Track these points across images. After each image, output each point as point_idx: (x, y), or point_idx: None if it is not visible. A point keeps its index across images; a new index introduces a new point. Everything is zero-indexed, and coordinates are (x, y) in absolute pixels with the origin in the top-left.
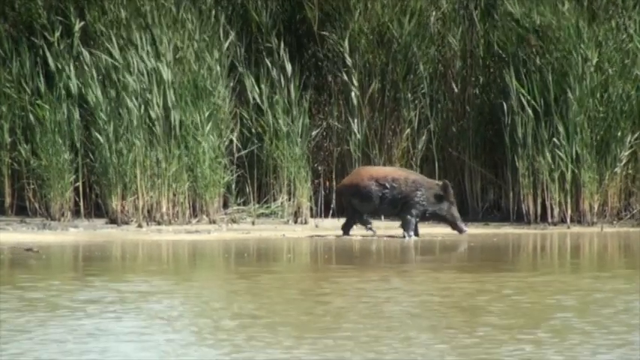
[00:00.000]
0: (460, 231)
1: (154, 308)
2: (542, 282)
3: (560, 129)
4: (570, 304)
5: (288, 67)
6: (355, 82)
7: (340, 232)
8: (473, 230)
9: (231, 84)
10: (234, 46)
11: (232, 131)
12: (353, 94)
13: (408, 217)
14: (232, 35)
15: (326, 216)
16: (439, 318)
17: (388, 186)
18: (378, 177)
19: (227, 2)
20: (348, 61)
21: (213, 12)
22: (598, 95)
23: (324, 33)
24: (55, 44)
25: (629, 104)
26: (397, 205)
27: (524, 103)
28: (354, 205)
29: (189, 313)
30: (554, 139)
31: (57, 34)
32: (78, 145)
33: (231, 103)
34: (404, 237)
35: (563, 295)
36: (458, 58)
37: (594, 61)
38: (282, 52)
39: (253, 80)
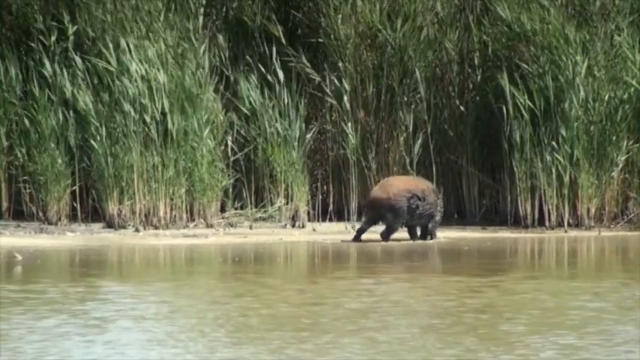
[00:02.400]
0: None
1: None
2: (506, 284)
3: (559, 133)
4: (509, 305)
5: (281, 72)
6: (347, 87)
7: (338, 237)
8: (469, 234)
9: (227, 88)
10: (228, 50)
11: (228, 135)
12: (346, 98)
13: (432, 224)
14: (225, 40)
15: (323, 220)
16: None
17: (420, 197)
18: (412, 189)
19: (220, 6)
20: (340, 65)
21: (201, 15)
22: (591, 99)
23: (305, 41)
24: (51, 48)
25: (623, 109)
26: (423, 216)
27: (521, 107)
28: (387, 219)
29: (150, 315)
30: (551, 144)
31: (53, 38)
32: (74, 149)
33: (226, 107)
34: (431, 239)
35: (515, 297)
36: (455, 62)
37: (584, 66)
38: (274, 57)
39: (249, 85)
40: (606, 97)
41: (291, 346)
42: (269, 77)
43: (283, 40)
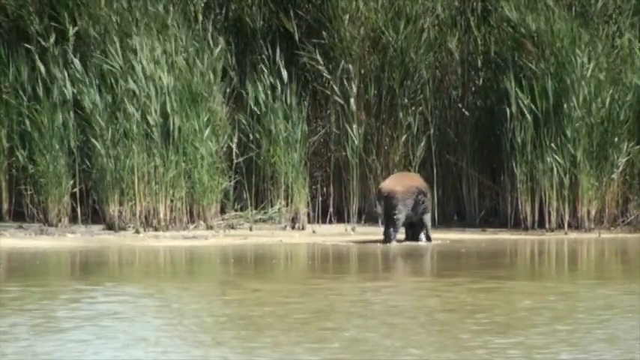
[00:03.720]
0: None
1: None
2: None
3: (560, 135)
4: (481, 306)
5: (284, 73)
6: (353, 88)
7: (338, 238)
8: (468, 236)
9: (228, 90)
10: (229, 51)
11: (230, 137)
12: (351, 99)
13: (426, 218)
14: (222, 42)
15: (323, 222)
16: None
17: (425, 192)
18: (418, 186)
19: (220, 8)
20: (342, 67)
21: (200, 18)
22: (593, 101)
23: (315, 40)
24: (50, 49)
25: (624, 110)
26: (423, 212)
27: (524, 109)
28: (397, 212)
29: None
30: (552, 145)
31: (51, 39)
32: (75, 150)
33: (228, 108)
34: (429, 241)
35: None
36: (456, 64)
37: (590, 67)
38: (278, 57)
39: (251, 86)
40: (608, 99)
41: (240, 346)
42: (271, 79)
43: (297, 37)
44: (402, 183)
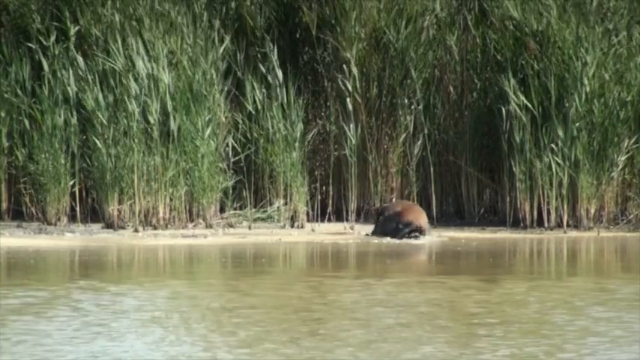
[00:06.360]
0: None
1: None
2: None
3: (560, 134)
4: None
5: (280, 73)
6: (351, 87)
7: (336, 237)
8: (467, 234)
9: (227, 88)
10: (229, 50)
11: (229, 134)
12: (349, 98)
13: None
14: (227, 40)
15: (322, 220)
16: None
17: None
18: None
19: (221, 6)
20: (345, 66)
21: (206, 16)
22: (595, 100)
23: (324, 36)
24: (51, 49)
25: (625, 109)
26: None
27: (523, 108)
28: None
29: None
30: (552, 144)
31: (52, 38)
32: (75, 149)
33: (227, 107)
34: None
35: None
36: (455, 64)
37: (593, 66)
38: (275, 56)
39: (250, 85)
40: (610, 98)
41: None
42: (270, 77)
43: (313, 30)
44: (424, 219)
